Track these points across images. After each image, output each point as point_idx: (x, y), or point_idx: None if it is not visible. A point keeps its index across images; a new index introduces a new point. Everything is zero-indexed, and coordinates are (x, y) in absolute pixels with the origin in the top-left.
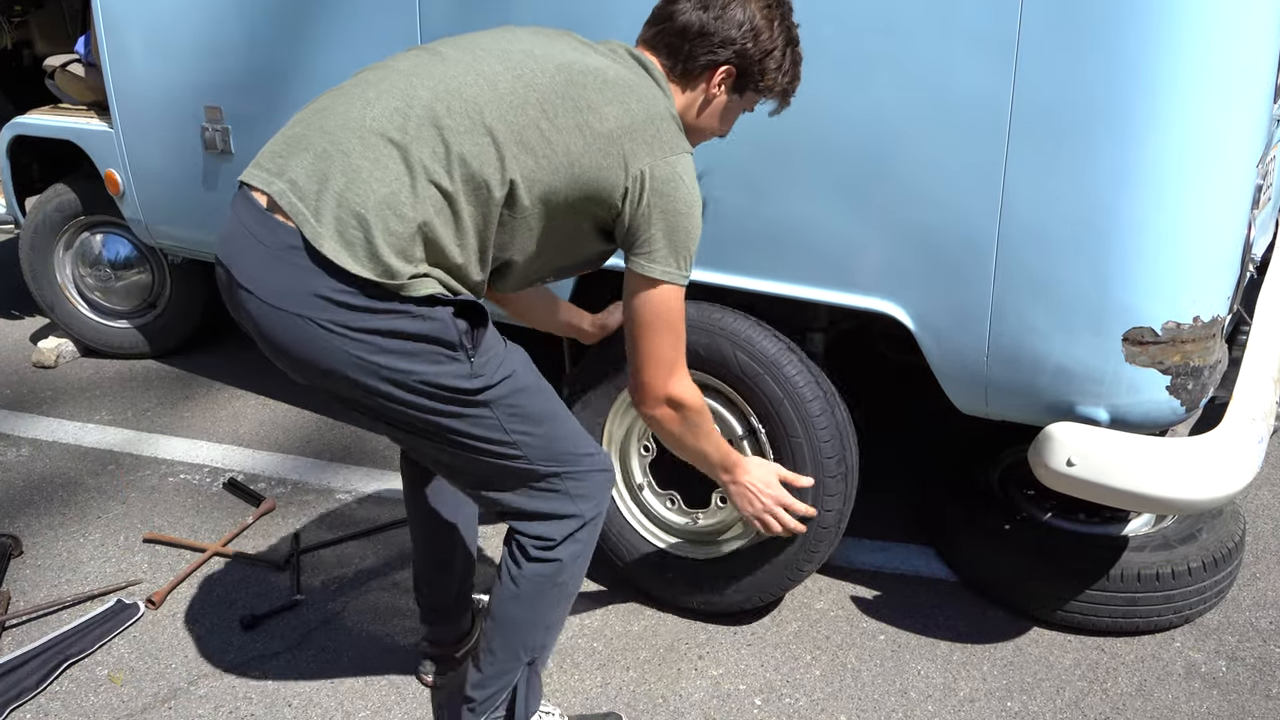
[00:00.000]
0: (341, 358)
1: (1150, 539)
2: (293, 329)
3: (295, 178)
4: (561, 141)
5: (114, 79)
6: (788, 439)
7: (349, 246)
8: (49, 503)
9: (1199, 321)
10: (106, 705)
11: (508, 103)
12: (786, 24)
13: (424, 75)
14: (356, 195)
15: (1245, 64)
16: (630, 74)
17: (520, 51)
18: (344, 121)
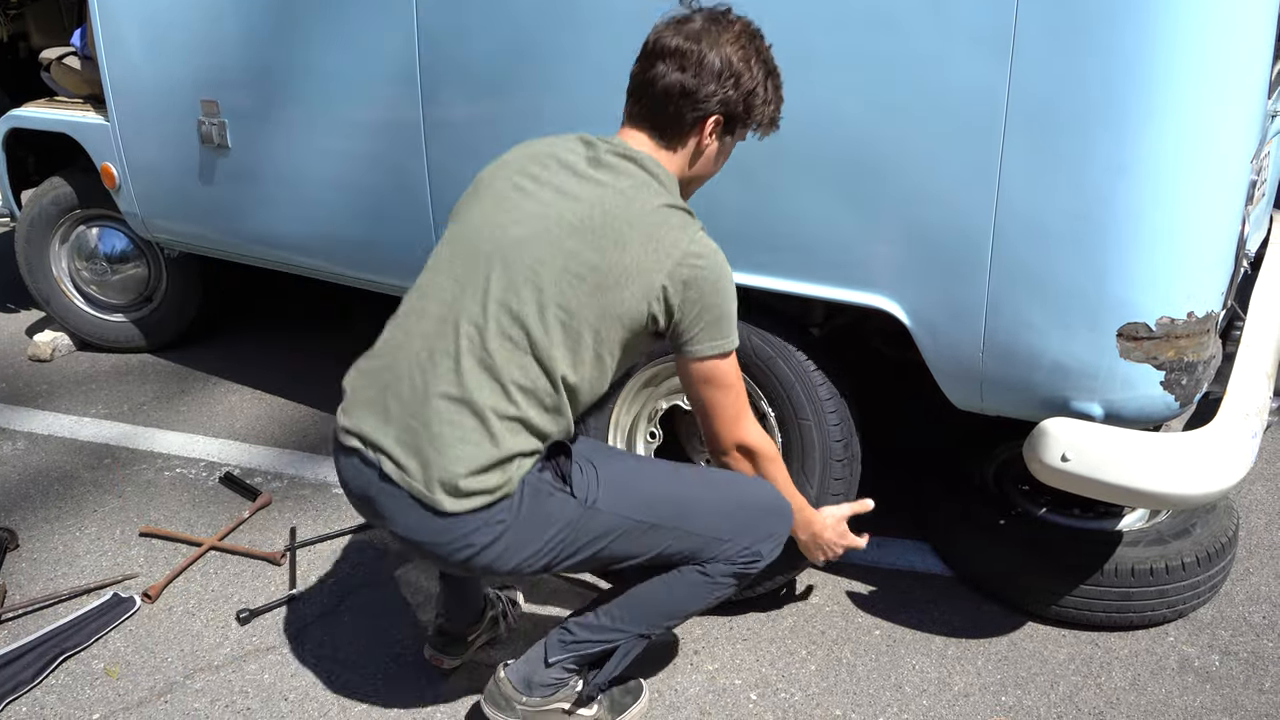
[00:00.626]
0: (500, 563)
1: (1144, 534)
2: (457, 563)
3: (395, 455)
4: (588, 320)
5: (110, 72)
6: (797, 422)
7: (459, 500)
8: (45, 496)
9: (1193, 317)
10: (102, 698)
11: (534, 318)
12: (762, 55)
13: (448, 313)
14: (450, 465)
15: (1240, 59)
16: (617, 193)
17: (517, 242)
18: (411, 388)
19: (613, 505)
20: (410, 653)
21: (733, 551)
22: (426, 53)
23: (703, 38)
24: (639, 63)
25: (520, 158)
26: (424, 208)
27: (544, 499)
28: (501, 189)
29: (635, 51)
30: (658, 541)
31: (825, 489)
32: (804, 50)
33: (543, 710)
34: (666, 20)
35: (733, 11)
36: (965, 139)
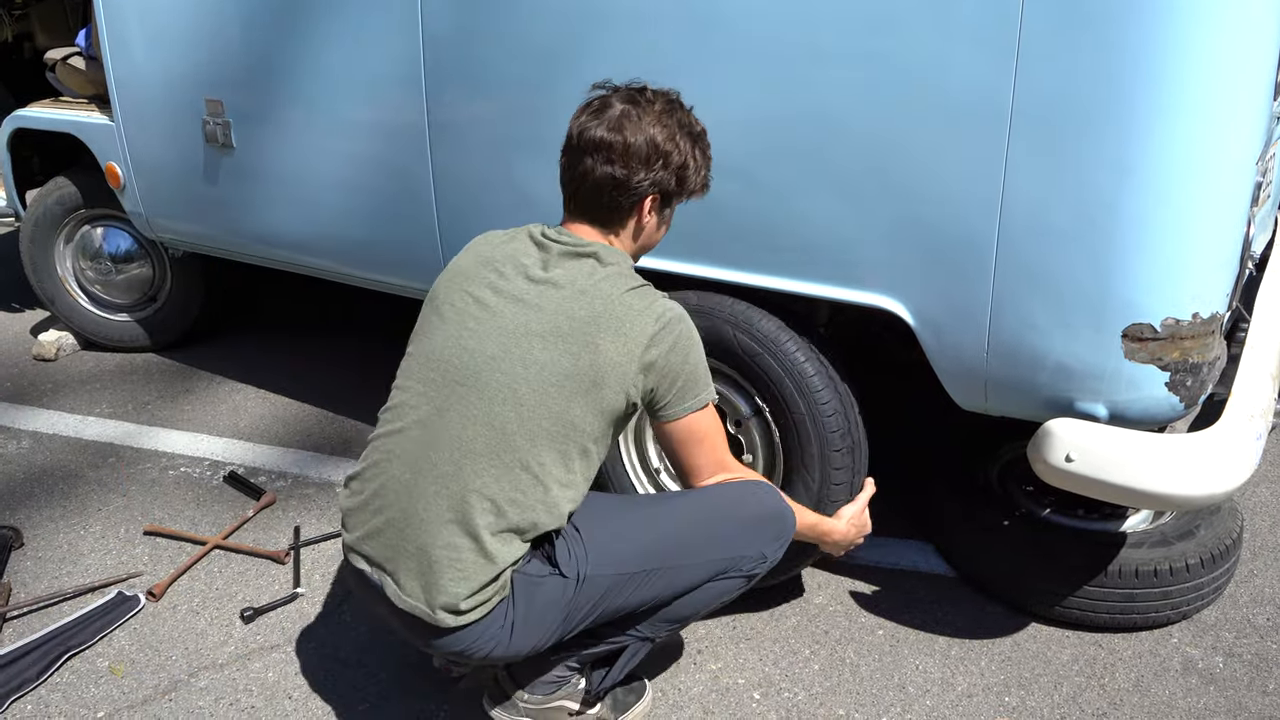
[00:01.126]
0: (513, 652)
1: (1148, 535)
2: (474, 660)
3: (398, 578)
4: (572, 422)
5: (115, 72)
6: (789, 414)
7: (461, 617)
8: (50, 495)
9: (1198, 318)
10: (107, 697)
11: (518, 433)
12: (685, 125)
13: (430, 438)
14: (451, 587)
15: (1246, 60)
16: (578, 293)
17: (490, 360)
18: (403, 515)
19: (604, 568)
20: (414, 653)
21: (742, 561)
22: (431, 54)
23: (625, 125)
24: (566, 155)
25: (474, 265)
26: (428, 208)
27: (536, 589)
28: (462, 306)
29: (641, 50)
30: (666, 583)
31: (827, 479)
32: (808, 49)
33: (545, 708)
34: (586, 109)
35: (649, 89)
36: (970, 138)
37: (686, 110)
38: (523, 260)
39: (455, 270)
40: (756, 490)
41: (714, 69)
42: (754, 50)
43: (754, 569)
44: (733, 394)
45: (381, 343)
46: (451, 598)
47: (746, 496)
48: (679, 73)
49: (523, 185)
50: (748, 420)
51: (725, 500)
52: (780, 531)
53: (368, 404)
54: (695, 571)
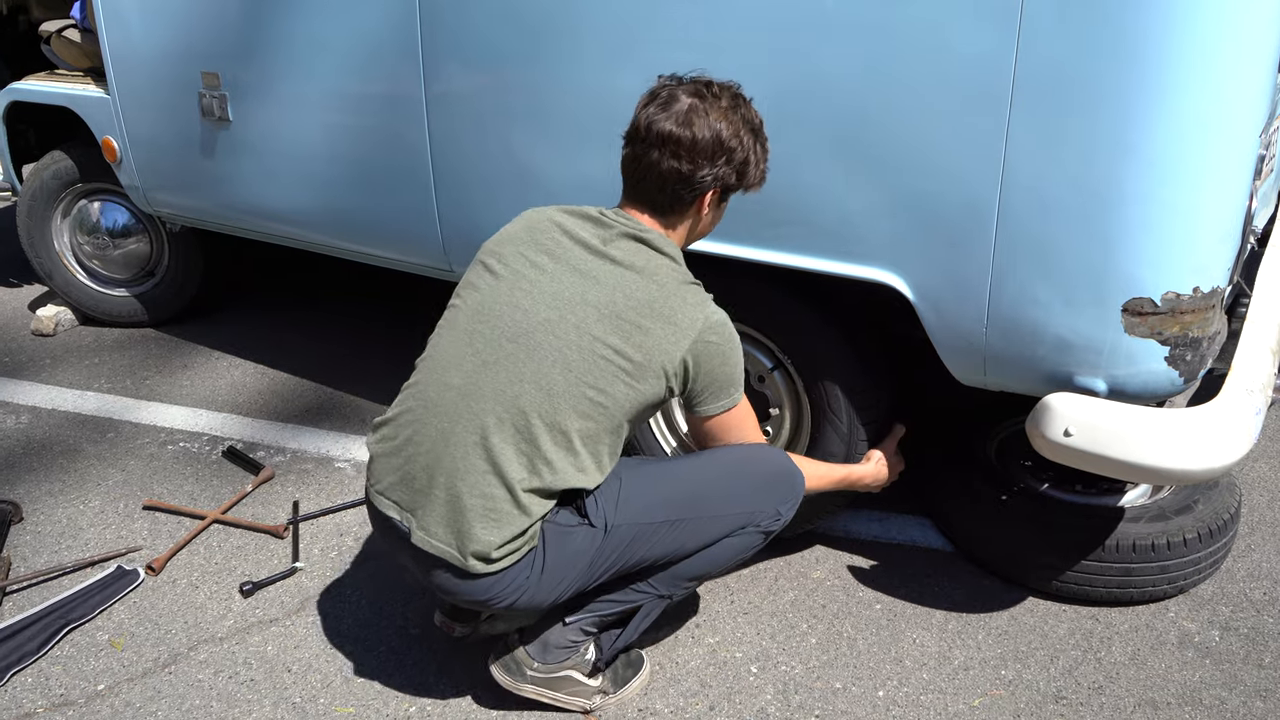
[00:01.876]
0: (538, 600)
1: (1146, 510)
2: (498, 609)
3: (428, 525)
4: (614, 398)
5: (110, 45)
6: (812, 363)
7: (491, 564)
8: (49, 470)
9: (1198, 292)
10: (107, 669)
11: (564, 399)
12: (748, 120)
13: (473, 389)
14: (485, 536)
15: (1248, 33)
16: (635, 274)
17: (544, 324)
18: (439, 463)
19: (631, 517)
20: (413, 625)
21: (758, 518)
22: (428, 25)
23: (693, 120)
24: (631, 146)
25: (529, 230)
26: (426, 180)
27: (565, 538)
28: (518, 267)
29: (635, 22)
30: (689, 535)
31: (855, 420)
32: (810, 20)
33: (553, 677)
34: (653, 100)
35: (714, 83)
36: (971, 110)
37: (748, 103)
38: (580, 233)
39: (508, 234)
40: (766, 452)
41: (715, 40)
42: (755, 21)
43: (770, 525)
44: (753, 350)
45: (380, 317)
46: (484, 545)
47: (758, 457)
48: (679, 43)
49: (521, 157)
50: (770, 374)
51: (738, 460)
52: (791, 491)
53: (366, 379)
54: (715, 525)
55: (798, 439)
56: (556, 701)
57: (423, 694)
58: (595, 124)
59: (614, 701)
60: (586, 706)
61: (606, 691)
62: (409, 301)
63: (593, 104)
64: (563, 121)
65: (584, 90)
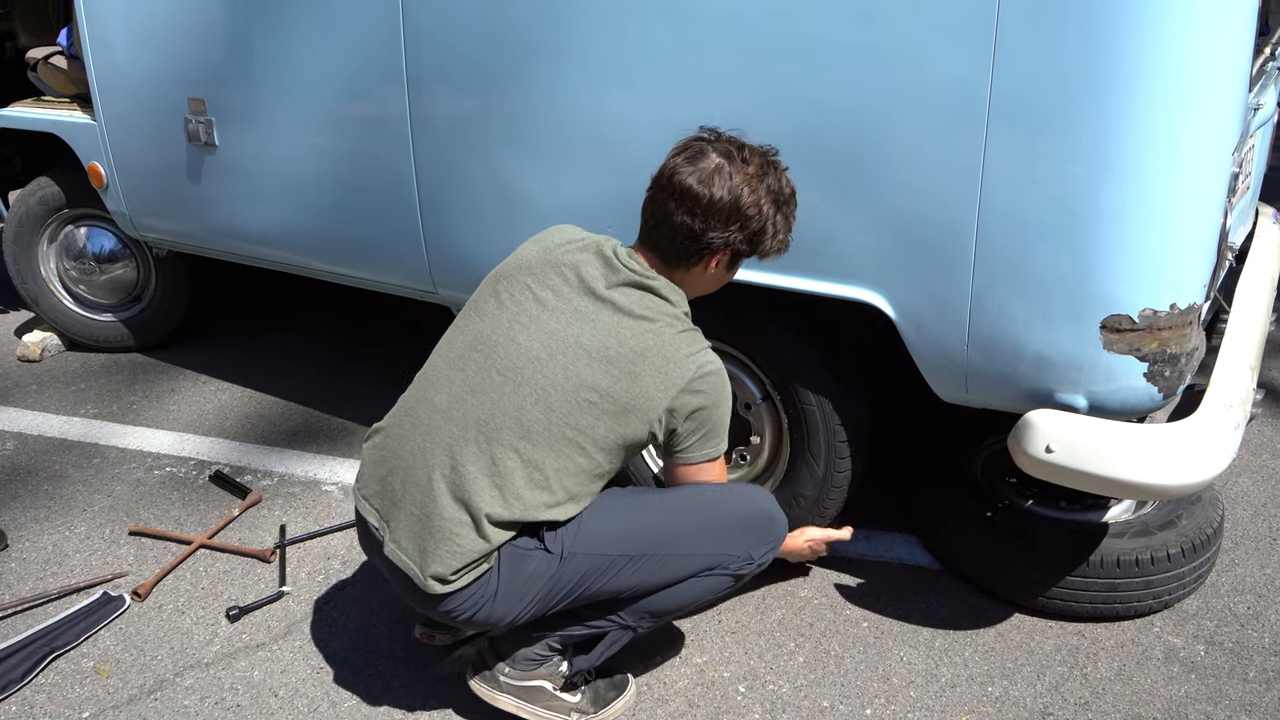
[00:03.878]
0: (493, 619)
1: (1130, 525)
2: (456, 623)
3: (398, 537)
4: (593, 439)
5: (97, 71)
6: (799, 404)
7: (447, 585)
8: (34, 496)
9: (1175, 309)
10: (92, 697)
11: (542, 435)
12: (773, 190)
13: (456, 414)
14: (445, 559)
15: (1221, 52)
16: (633, 320)
17: (533, 360)
18: (415, 480)
19: (589, 547)
20: (400, 648)
21: (727, 561)
22: (413, 49)
23: (714, 179)
24: (653, 189)
25: (541, 262)
26: (411, 204)
27: (522, 561)
28: (522, 298)
29: (620, 43)
30: (651, 571)
31: (831, 468)
32: (788, 41)
33: (524, 685)
34: (682, 151)
35: (748, 146)
36: (949, 132)
37: (780, 171)
38: (588, 271)
39: (522, 261)
40: (751, 493)
41: (695, 62)
42: (735, 43)
43: (740, 569)
44: (744, 378)
45: (367, 341)
46: (443, 568)
47: (741, 497)
48: (661, 65)
49: (505, 179)
50: (758, 405)
51: (719, 498)
52: (769, 535)
53: (354, 403)
54: (681, 563)
55: (772, 471)
56: (535, 716)
57: (409, 717)
58: (579, 146)
59: None
60: None
61: (585, 711)
62: (396, 324)
63: (576, 126)
64: (547, 144)
65: (567, 113)
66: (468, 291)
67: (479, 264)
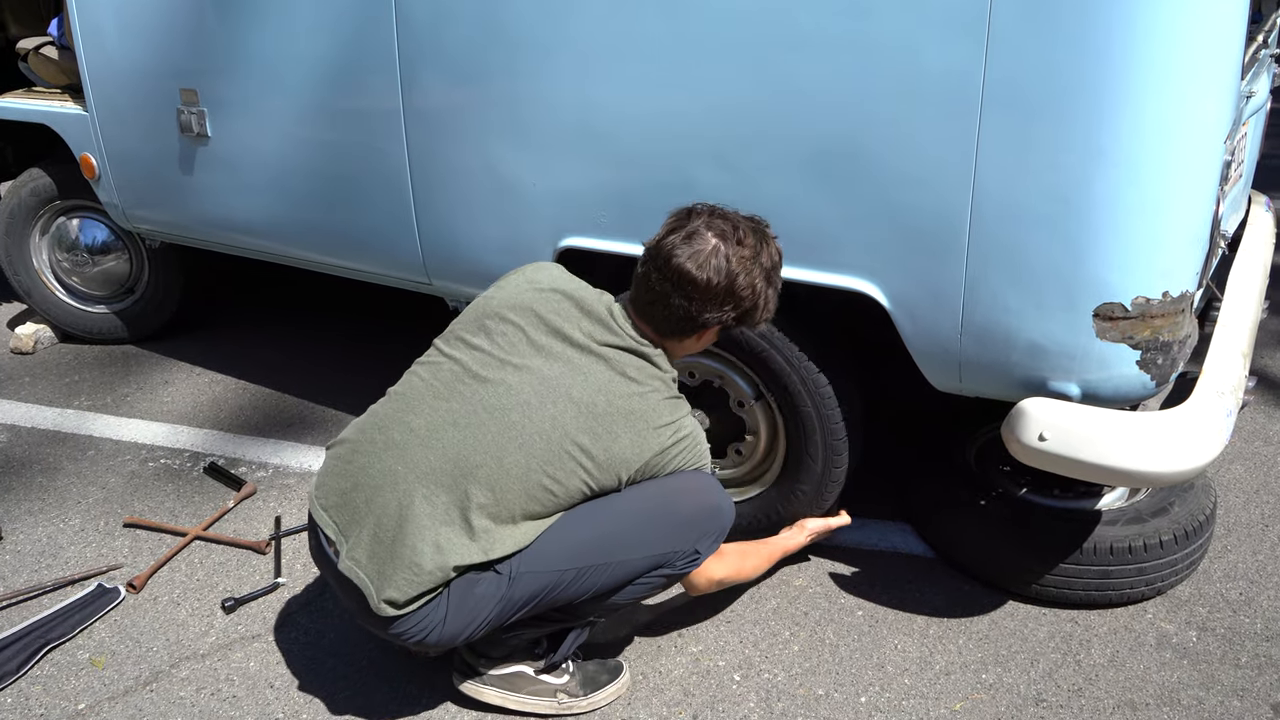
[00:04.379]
0: (445, 640)
1: (1123, 513)
2: (407, 645)
3: (356, 554)
4: (566, 486)
5: (88, 62)
6: (796, 407)
7: (400, 610)
8: (28, 488)
9: (1168, 297)
10: (88, 688)
11: (518, 479)
12: (764, 267)
13: (434, 443)
14: (403, 587)
15: (1214, 40)
16: (624, 381)
17: (521, 405)
18: (383, 502)
19: (536, 565)
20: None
21: (673, 558)
22: (406, 39)
23: (709, 263)
24: (647, 266)
25: (535, 305)
26: (405, 194)
27: (471, 585)
28: (514, 340)
29: (614, 35)
30: (600, 578)
31: (830, 464)
32: (783, 32)
33: (506, 674)
34: (676, 230)
35: (742, 224)
36: (942, 122)
37: (771, 242)
38: (585, 325)
39: (515, 300)
40: (695, 486)
41: (689, 53)
42: (729, 34)
43: (685, 566)
44: (737, 378)
45: (361, 332)
46: (399, 594)
47: (684, 492)
48: (654, 57)
49: (499, 170)
50: (751, 403)
51: (663, 497)
52: (713, 527)
53: (348, 394)
54: (630, 567)
55: (768, 465)
56: (523, 705)
57: (405, 707)
58: (572, 137)
59: (587, 705)
60: (555, 706)
61: (572, 692)
62: (389, 315)
63: (570, 118)
64: (540, 135)
65: (561, 104)
66: (462, 283)
67: (473, 255)
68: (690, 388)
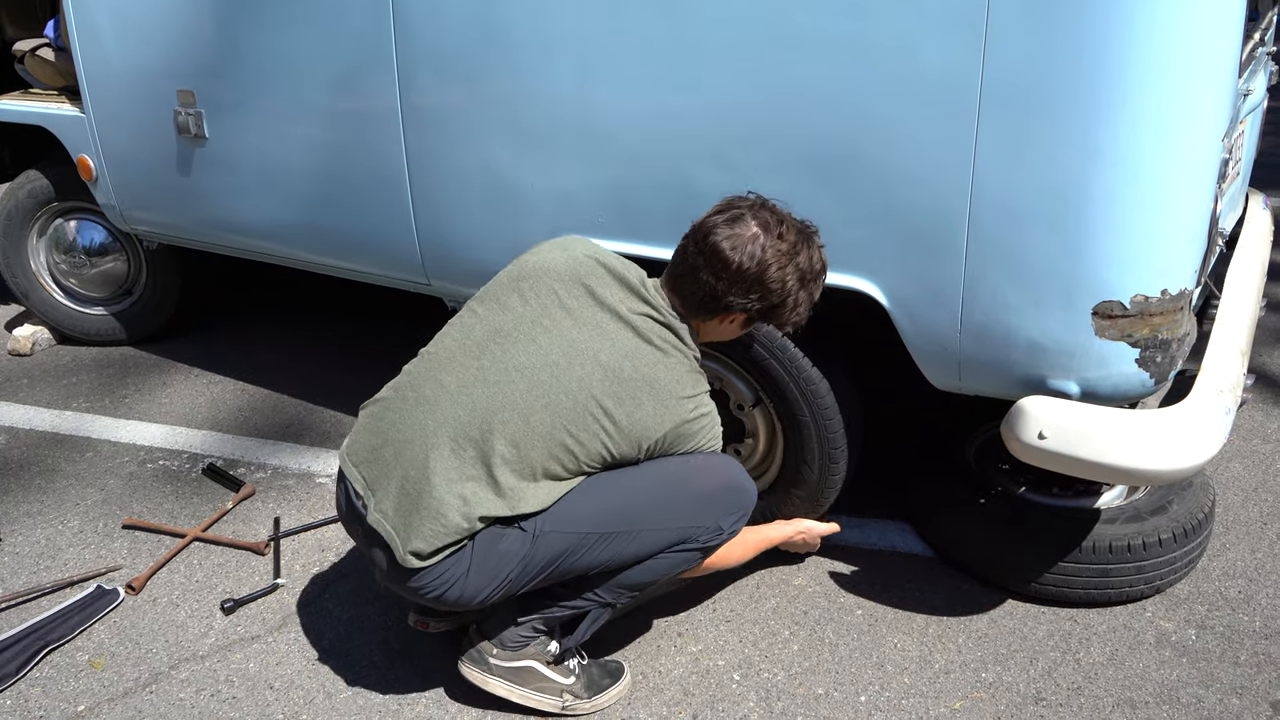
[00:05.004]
0: (465, 599)
1: (1122, 511)
2: (427, 601)
3: (384, 507)
4: (588, 449)
5: (84, 63)
6: (794, 415)
7: (424, 561)
8: (27, 490)
9: (1166, 295)
10: (87, 690)
11: (542, 438)
12: (804, 268)
13: (464, 399)
14: (428, 537)
15: (1211, 38)
16: (650, 350)
17: (549, 365)
18: (412, 456)
19: (561, 526)
20: (395, 639)
21: (697, 533)
22: (403, 39)
23: (745, 247)
24: (688, 239)
25: (571, 268)
26: (403, 195)
27: (496, 540)
28: (548, 303)
29: (612, 35)
30: (623, 546)
31: (826, 471)
32: (780, 31)
33: (514, 665)
34: (724, 211)
35: (787, 220)
36: (940, 121)
37: (815, 248)
38: (617, 292)
39: (550, 265)
40: (719, 464)
41: (686, 52)
42: (726, 33)
43: (710, 541)
44: (737, 381)
45: (359, 332)
46: (425, 545)
47: (708, 469)
48: (652, 56)
49: (497, 170)
50: (750, 407)
51: (688, 471)
52: (737, 504)
53: (346, 395)
54: (652, 538)
55: (766, 466)
56: (527, 700)
57: (405, 707)
58: (570, 137)
59: (589, 708)
60: (559, 706)
61: (578, 694)
62: (390, 317)
63: (568, 118)
64: (538, 135)
65: (559, 104)
66: (461, 283)
67: (472, 255)
68: None
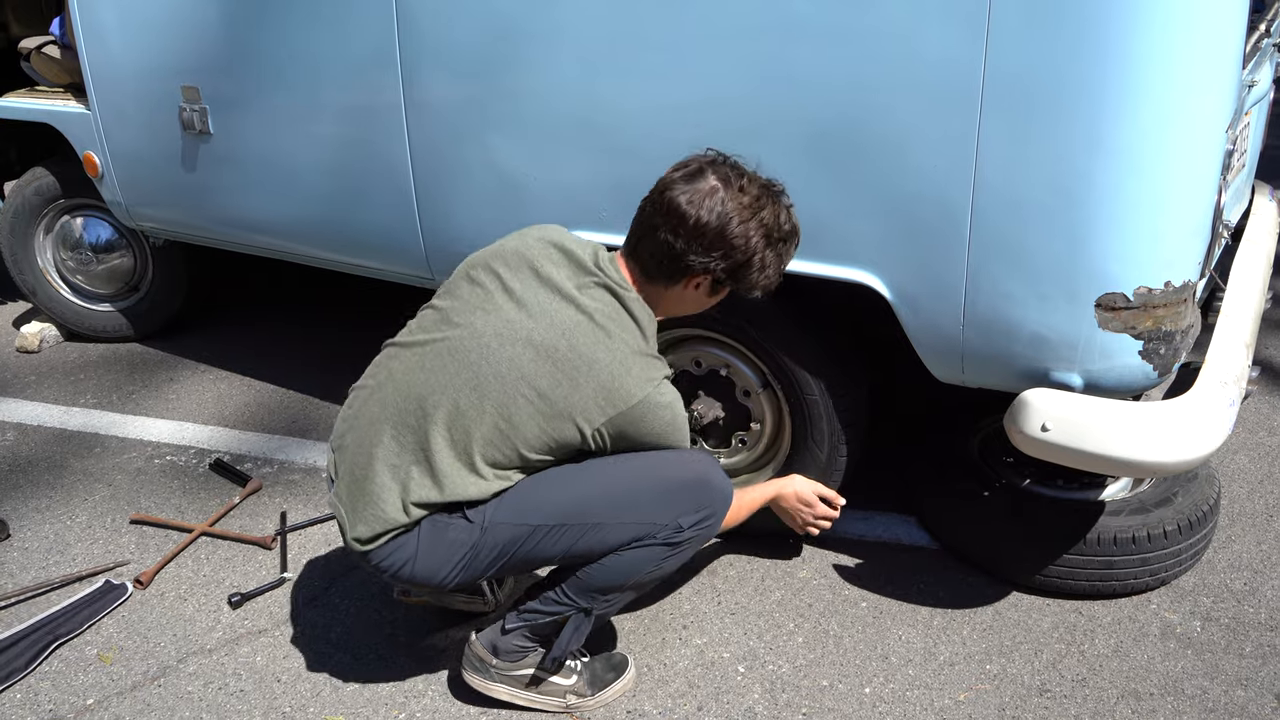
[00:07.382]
0: (419, 579)
1: (1126, 503)
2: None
3: (339, 490)
4: (524, 435)
5: (90, 60)
6: (801, 396)
7: (367, 545)
8: (35, 486)
9: (1170, 286)
10: (96, 684)
11: (476, 423)
12: (767, 224)
13: (407, 389)
14: (370, 524)
15: (1215, 29)
16: (591, 328)
17: (484, 349)
18: (362, 443)
19: (511, 517)
20: (401, 632)
21: (654, 530)
22: (406, 34)
23: (704, 202)
24: (647, 198)
25: (520, 251)
26: (407, 190)
27: (443, 530)
28: (491, 287)
29: (614, 28)
30: (575, 540)
31: (835, 453)
32: (782, 23)
33: (514, 673)
34: (682, 167)
35: (748, 175)
36: (942, 113)
37: (780, 206)
38: (564, 270)
39: (501, 250)
40: (685, 458)
41: (689, 45)
42: (728, 26)
43: (671, 538)
44: (744, 367)
45: (364, 327)
46: (366, 532)
47: (673, 463)
48: (654, 48)
49: (500, 165)
50: (758, 392)
51: (650, 466)
52: (702, 501)
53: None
54: (605, 533)
55: (773, 455)
56: (531, 704)
57: (411, 700)
58: (572, 130)
59: (595, 704)
60: (564, 706)
61: (581, 693)
62: (393, 311)
63: (570, 111)
64: (541, 129)
65: (561, 98)
66: None
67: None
68: (697, 376)
